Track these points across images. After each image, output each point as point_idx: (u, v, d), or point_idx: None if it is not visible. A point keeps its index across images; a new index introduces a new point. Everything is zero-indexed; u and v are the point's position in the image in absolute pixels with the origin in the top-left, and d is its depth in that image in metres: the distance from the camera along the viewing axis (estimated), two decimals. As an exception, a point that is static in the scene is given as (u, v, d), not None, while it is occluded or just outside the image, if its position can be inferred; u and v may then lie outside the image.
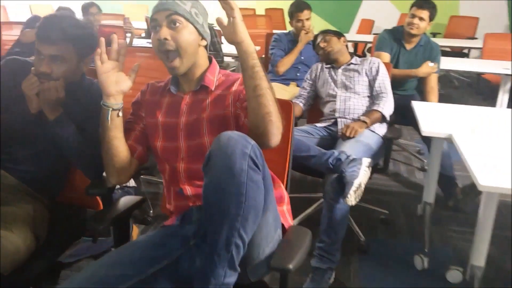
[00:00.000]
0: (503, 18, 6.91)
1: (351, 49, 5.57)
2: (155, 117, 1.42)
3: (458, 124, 2.10)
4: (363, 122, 2.34)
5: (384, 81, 2.49)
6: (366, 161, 2.05)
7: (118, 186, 2.41)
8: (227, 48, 4.10)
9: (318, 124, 2.55)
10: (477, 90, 6.01)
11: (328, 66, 2.66)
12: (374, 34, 5.85)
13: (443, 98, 3.96)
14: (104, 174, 1.58)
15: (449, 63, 3.78)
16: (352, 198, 1.91)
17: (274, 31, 4.38)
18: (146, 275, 1.21)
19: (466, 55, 6.13)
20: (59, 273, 1.77)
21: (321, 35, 2.69)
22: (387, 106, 2.42)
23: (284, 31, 3.72)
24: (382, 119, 2.43)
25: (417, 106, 2.41)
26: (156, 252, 1.27)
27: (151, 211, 2.66)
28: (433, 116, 2.24)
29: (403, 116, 2.71)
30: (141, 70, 1.36)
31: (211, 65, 1.43)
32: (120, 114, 1.34)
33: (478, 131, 2.02)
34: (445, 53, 4.24)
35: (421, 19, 3.04)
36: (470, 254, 2.00)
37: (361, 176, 1.97)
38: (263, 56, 3.99)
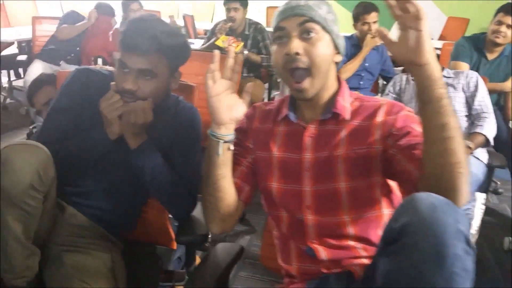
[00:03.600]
0: None
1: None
2: (269, 150, 1.12)
3: None
4: (467, 148, 2.00)
5: (484, 98, 2.16)
6: (481, 197, 1.75)
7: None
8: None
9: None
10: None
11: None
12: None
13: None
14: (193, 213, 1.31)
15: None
16: (469, 242, 1.61)
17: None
18: None
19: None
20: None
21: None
22: (490, 128, 2.09)
23: (346, 34, 3.40)
24: (485, 143, 2.10)
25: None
26: None
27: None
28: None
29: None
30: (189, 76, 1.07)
31: (341, 86, 1.12)
32: (232, 147, 1.06)
33: None
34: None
35: (509, 26, 2.70)
36: None
37: (478, 215, 1.67)
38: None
